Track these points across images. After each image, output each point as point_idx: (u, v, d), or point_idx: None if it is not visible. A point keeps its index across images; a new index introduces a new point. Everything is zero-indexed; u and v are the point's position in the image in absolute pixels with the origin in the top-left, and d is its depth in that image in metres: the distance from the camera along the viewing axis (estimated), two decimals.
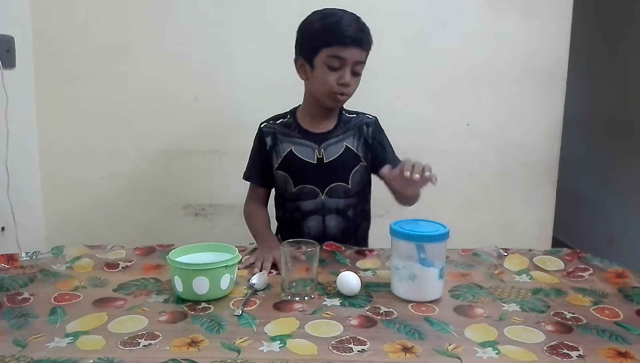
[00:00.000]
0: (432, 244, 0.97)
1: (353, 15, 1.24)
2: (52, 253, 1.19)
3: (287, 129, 1.36)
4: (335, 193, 1.35)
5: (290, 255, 0.99)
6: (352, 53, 1.22)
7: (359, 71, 1.26)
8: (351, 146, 1.35)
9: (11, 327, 0.86)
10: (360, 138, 1.36)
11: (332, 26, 1.23)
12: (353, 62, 1.23)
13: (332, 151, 1.34)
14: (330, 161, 1.33)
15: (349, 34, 1.21)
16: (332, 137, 1.34)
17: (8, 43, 1.65)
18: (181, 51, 1.84)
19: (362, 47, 1.24)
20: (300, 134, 1.35)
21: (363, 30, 1.23)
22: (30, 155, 1.83)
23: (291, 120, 1.37)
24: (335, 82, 1.24)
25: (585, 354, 0.79)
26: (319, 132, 1.34)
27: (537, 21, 1.89)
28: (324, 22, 1.24)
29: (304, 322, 0.89)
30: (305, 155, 1.33)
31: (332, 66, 1.23)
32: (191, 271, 0.95)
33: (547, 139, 1.95)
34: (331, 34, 1.22)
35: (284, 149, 1.35)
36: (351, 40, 1.21)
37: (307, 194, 1.35)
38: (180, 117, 1.88)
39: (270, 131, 1.37)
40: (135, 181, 1.91)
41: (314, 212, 1.36)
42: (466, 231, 1.47)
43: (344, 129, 1.36)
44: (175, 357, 0.76)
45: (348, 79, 1.23)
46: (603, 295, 1.03)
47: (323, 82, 1.25)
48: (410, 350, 0.80)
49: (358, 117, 1.40)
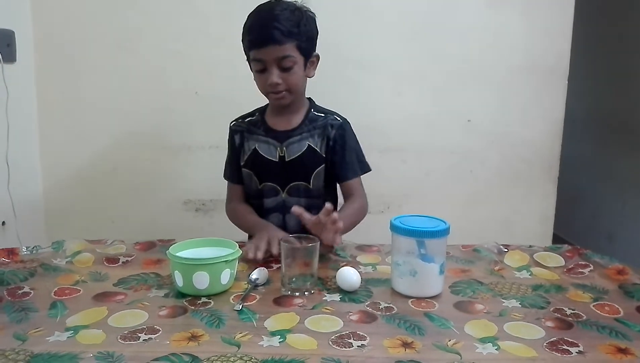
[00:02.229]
0: (432, 240, 0.97)
1: (271, 9, 1.21)
2: (53, 248, 1.19)
3: (253, 127, 1.37)
4: (296, 191, 1.34)
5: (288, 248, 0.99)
6: (267, 52, 1.20)
7: (288, 65, 1.22)
8: (314, 145, 1.33)
9: (11, 321, 0.86)
10: (324, 138, 1.34)
11: (247, 30, 1.23)
12: (274, 60, 1.20)
13: (294, 150, 1.32)
14: (292, 160, 1.32)
15: (258, 35, 1.19)
16: (294, 135, 1.33)
17: (8, 37, 1.65)
18: (182, 46, 1.83)
19: (279, 42, 1.19)
20: (265, 132, 1.35)
21: (275, 24, 1.18)
22: (30, 150, 1.83)
23: (258, 118, 1.38)
24: (265, 83, 1.24)
25: (585, 350, 0.79)
26: (282, 130, 1.33)
27: (539, 18, 1.88)
28: (245, 26, 1.25)
29: (304, 317, 0.89)
30: (267, 153, 1.33)
31: (257, 69, 1.24)
32: (191, 266, 0.95)
33: (548, 136, 1.95)
34: (247, 38, 1.23)
35: (249, 147, 1.36)
36: (262, 41, 1.19)
37: (268, 191, 1.35)
38: (180, 112, 1.88)
39: (239, 129, 1.39)
40: (136, 176, 1.91)
41: (274, 209, 1.35)
42: (467, 228, 1.47)
43: (309, 128, 1.34)
44: (175, 352, 0.76)
45: (274, 79, 1.22)
46: (603, 291, 1.03)
47: (257, 85, 1.28)
48: (410, 346, 0.80)
49: (326, 117, 1.36)
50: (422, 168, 1.95)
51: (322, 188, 1.36)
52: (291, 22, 1.20)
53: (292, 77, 1.25)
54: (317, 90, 1.80)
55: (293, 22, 1.21)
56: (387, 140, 1.93)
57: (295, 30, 1.21)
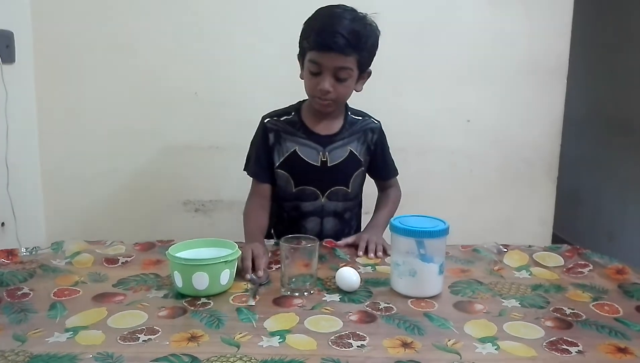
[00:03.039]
0: (432, 240, 0.97)
1: (344, 16, 1.17)
2: (52, 249, 1.19)
3: (291, 128, 1.32)
4: (335, 196, 1.34)
5: (289, 250, 0.99)
6: (329, 59, 1.18)
7: (344, 76, 1.20)
8: (355, 151, 1.33)
9: (11, 322, 0.86)
10: (365, 143, 1.34)
11: (314, 30, 1.19)
12: (333, 68, 1.19)
13: (337, 155, 1.31)
14: (334, 165, 1.31)
15: (327, 40, 1.16)
16: (337, 140, 1.31)
17: (8, 38, 1.65)
18: (181, 47, 1.83)
19: (344, 53, 1.17)
20: (305, 134, 1.31)
21: (347, 35, 1.15)
22: (30, 151, 1.83)
23: (295, 118, 1.33)
24: (315, 87, 1.21)
25: (585, 350, 0.79)
26: (324, 134, 1.31)
27: (538, 18, 1.88)
28: (310, 24, 1.21)
29: (304, 318, 0.89)
30: (309, 157, 1.31)
31: (312, 71, 1.21)
32: (191, 267, 0.95)
33: (548, 136, 1.95)
34: (312, 38, 1.19)
35: (287, 149, 1.31)
36: (329, 47, 1.16)
37: (307, 195, 1.33)
38: (180, 113, 1.88)
39: (274, 128, 1.33)
40: (135, 176, 1.91)
41: (312, 213, 1.34)
42: (466, 228, 1.47)
43: (350, 133, 1.33)
44: (175, 352, 0.76)
45: (327, 86, 1.20)
46: (603, 291, 1.03)
47: (306, 86, 1.25)
48: (410, 346, 0.80)
49: (364, 120, 1.37)
50: (422, 168, 1.95)
51: (357, 192, 1.38)
52: (359, 36, 1.18)
53: (343, 89, 1.23)
54: None
55: (363, 36, 1.19)
56: (388, 140, 1.91)
57: (362, 45, 1.20)
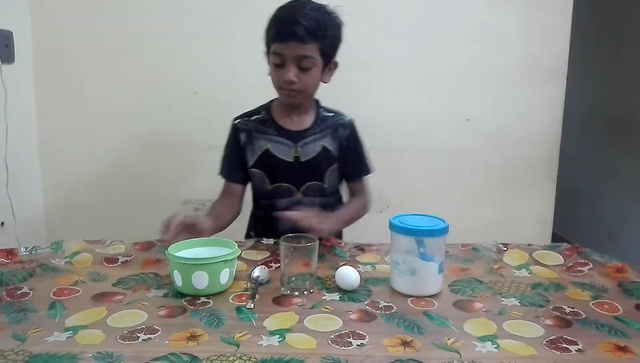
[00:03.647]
0: (431, 238, 0.97)
1: (303, 6, 1.19)
2: (52, 248, 1.19)
3: (262, 126, 1.33)
4: (311, 191, 1.34)
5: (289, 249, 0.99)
6: (290, 48, 1.18)
7: (307, 65, 1.21)
8: (328, 146, 1.33)
9: (10, 322, 0.86)
10: (337, 138, 1.34)
11: (273, 21, 1.21)
12: (295, 57, 1.19)
13: (309, 150, 1.31)
14: (307, 161, 1.31)
15: (285, 29, 1.17)
16: (308, 135, 1.32)
17: (7, 38, 1.65)
18: (181, 46, 1.83)
19: (303, 41, 1.17)
20: (277, 131, 1.32)
21: (304, 23, 1.16)
22: (29, 150, 1.83)
23: (266, 116, 1.34)
24: (280, 78, 1.22)
25: (585, 348, 0.79)
26: (295, 129, 1.32)
27: (538, 17, 1.88)
28: (271, 19, 1.23)
29: (303, 317, 0.89)
30: (282, 153, 1.31)
31: (275, 63, 1.22)
32: (190, 266, 0.95)
33: (547, 135, 1.95)
34: (272, 30, 1.21)
35: (259, 147, 1.32)
36: (287, 36, 1.17)
37: (283, 192, 1.34)
38: (179, 112, 1.88)
39: (245, 127, 1.34)
40: (135, 176, 1.91)
41: (289, 210, 1.32)
42: (466, 227, 1.47)
43: (321, 128, 1.33)
44: (175, 351, 0.76)
45: (290, 77, 1.20)
46: (602, 289, 1.03)
47: (272, 79, 1.26)
48: (410, 345, 0.80)
49: (335, 116, 1.37)
50: (422, 167, 1.95)
51: (336, 187, 1.38)
52: (319, 24, 1.19)
53: (308, 78, 1.24)
54: (317, 91, 1.80)
55: (321, 24, 1.20)
56: (387, 139, 1.93)
57: (321, 33, 1.20)
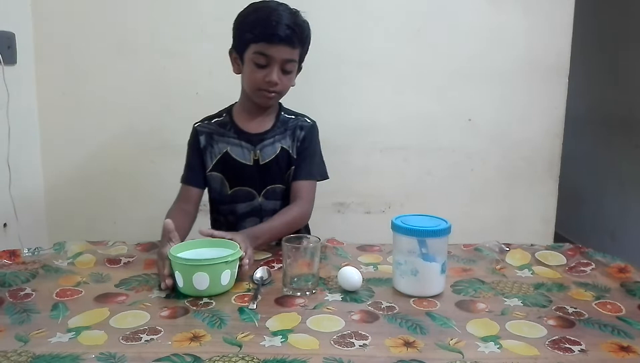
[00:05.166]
0: (433, 239, 0.97)
1: (286, 10, 1.19)
2: (54, 249, 1.19)
3: (222, 129, 1.32)
4: (272, 194, 1.33)
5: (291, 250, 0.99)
6: (279, 51, 1.18)
7: (290, 69, 1.22)
8: (286, 147, 1.31)
9: (13, 323, 0.86)
10: (295, 140, 1.33)
11: (261, 22, 1.18)
12: (281, 60, 1.19)
13: (268, 153, 1.30)
14: (266, 163, 1.30)
15: (277, 31, 1.16)
16: (267, 138, 1.31)
17: (9, 39, 1.65)
18: (182, 47, 1.83)
19: (292, 45, 1.19)
20: (236, 134, 1.31)
21: (294, 28, 1.18)
22: (31, 151, 1.83)
23: (227, 119, 1.33)
24: (262, 79, 1.21)
25: (588, 349, 0.79)
26: (254, 132, 1.31)
27: (539, 16, 1.88)
28: (254, 17, 1.20)
29: (306, 317, 0.89)
30: (241, 156, 1.30)
31: (258, 63, 1.20)
32: (191, 267, 0.95)
33: (549, 134, 1.95)
34: (259, 30, 1.18)
35: (219, 150, 1.31)
36: (279, 38, 1.17)
37: (243, 196, 1.32)
38: (181, 113, 1.87)
39: (205, 130, 1.33)
40: (137, 176, 1.91)
41: (250, 214, 1.33)
42: (468, 227, 1.47)
43: (281, 130, 1.32)
44: (177, 352, 0.76)
45: (275, 78, 1.20)
46: (605, 289, 1.03)
47: (251, 79, 1.23)
48: (412, 345, 0.80)
49: (297, 119, 1.35)
50: (423, 167, 1.95)
51: None
52: (304, 29, 1.22)
53: (287, 81, 1.25)
54: (318, 89, 1.81)
55: (305, 29, 1.22)
56: (388, 139, 1.93)
57: (304, 38, 1.23)
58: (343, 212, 1.95)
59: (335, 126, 1.88)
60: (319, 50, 1.33)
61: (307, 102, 1.84)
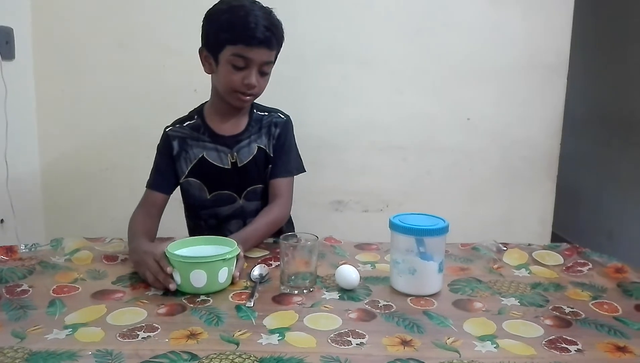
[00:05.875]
0: (431, 238, 0.97)
1: (263, 10, 1.17)
2: (51, 245, 1.19)
3: (196, 133, 1.28)
4: (253, 195, 1.31)
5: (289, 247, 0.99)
6: (259, 54, 1.16)
7: (267, 70, 1.21)
8: (263, 146, 1.29)
9: (10, 319, 0.86)
10: (270, 137, 1.30)
11: (239, 23, 1.14)
12: (260, 62, 1.17)
13: (245, 154, 1.28)
14: (244, 165, 1.28)
15: (256, 34, 1.13)
16: (243, 139, 1.28)
17: (7, 35, 1.65)
18: (180, 43, 1.83)
19: (270, 47, 1.17)
20: (211, 138, 1.28)
21: (272, 30, 1.16)
22: (29, 147, 1.83)
23: (199, 122, 1.30)
24: (240, 82, 1.18)
25: (584, 348, 0.79)
26: (229, 134, 1.28)
27: (539, 16, 1.88)
28: (230, 17, 1.16)
29: (303, 315, 0.89)
30: (217, 160, 1.27)
31: (236, 65, 1.17)
32: (189, 264, 0.95)
33: (547, 134, 1.95)
34: (237, 32, 1.14)
35: (194, 155, 1.28)
36: (258, 41, 1.14)
37: (224, 200, 1.30)
38: (179, 110, 1.86)
39: (178, 135, 1.29)
40: (135, 173, 1.88)
41: (233, 217, 1.32)
42: (466, 226, 1.47)
43: (256, 130, 1.30)
44: (174, 350, 0.76)
45: (254, 81, 1.18)
46: (602, 289, 1.03)
47: (227, 81, 1.19)
48: (409, 344, 0.80)
49: (270, 115, 1.32)
50: (422, 166, 1.95)
51: None
52: (280, 29, 1.20)
53: (264, 83, 1.23)
54: (317, 88, 1.81)
55: (281, 29, 1.21)
56: (387, 138, 1.93)
57: (281, 40, 1.21)
58: (341, 210, 1.95)
59: (334, 124, 1.88)
60: (318, 49, 1.34)
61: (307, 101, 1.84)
